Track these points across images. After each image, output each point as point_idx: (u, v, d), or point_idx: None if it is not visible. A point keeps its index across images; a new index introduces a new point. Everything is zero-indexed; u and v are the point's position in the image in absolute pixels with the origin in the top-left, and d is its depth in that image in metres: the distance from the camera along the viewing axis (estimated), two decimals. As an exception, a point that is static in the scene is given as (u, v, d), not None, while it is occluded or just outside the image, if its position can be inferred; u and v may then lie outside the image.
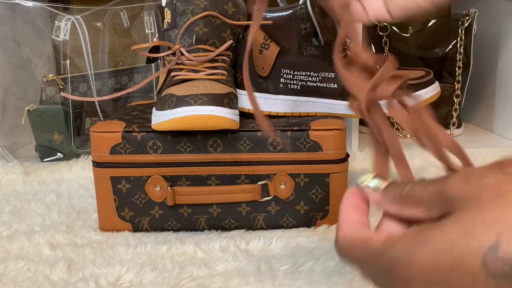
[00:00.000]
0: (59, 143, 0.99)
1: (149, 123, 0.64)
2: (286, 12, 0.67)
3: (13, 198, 0.80)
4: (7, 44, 1.04)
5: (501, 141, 1.08)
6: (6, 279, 0.53)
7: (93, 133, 0.63)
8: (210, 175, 0.63)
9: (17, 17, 1.06)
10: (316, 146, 0.63)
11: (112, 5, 1.08)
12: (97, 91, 1.03)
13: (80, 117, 1.02)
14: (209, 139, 0.62)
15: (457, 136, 1.14)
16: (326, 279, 0.52)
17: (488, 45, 1.18)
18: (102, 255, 0.58)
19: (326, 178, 0.64)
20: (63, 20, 0.99)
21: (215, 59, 0.64)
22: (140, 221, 0.65)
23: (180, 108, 0.57)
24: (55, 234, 0.64)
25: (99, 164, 0.63)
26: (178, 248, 0.60)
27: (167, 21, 0.67)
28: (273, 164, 0.63)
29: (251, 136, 0.62)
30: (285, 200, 0.64)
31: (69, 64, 1.01)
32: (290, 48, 0.67)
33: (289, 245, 0.60)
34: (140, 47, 0.64)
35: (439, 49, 1.13)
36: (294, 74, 0.68)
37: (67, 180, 0.89)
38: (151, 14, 1.10)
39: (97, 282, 0.52)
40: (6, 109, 1.04)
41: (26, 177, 0.90)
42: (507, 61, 1.10)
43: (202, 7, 0.65)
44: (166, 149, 0.62)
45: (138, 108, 0.76)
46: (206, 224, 0.65)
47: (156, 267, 0.55)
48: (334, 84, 0.68)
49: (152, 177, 0.63)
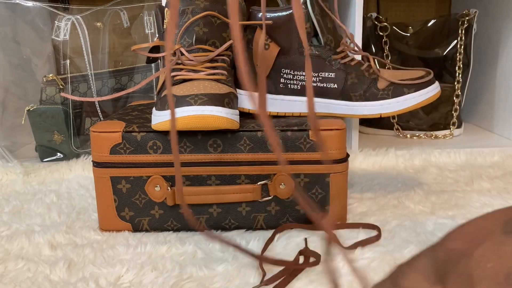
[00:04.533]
0: (59, 143, 0.99)
1: (149, 123, 0.64)
2: (286, 12, 0.67)
3: (13, 198, 0.80)
4: (7, 44, 1.04)
5: (501, 141, 1.08)
6: (6, 279, 0.53)
7: (93, 133, 0.63)
8: (210, 175, 0.63)
9: (17, 17, 1.06)
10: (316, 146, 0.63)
11: (112, 5, 1.08)
12: (97, 91, 1.03)
13: (80, 117, 1.02)
14: (209, 139, 0.62)
15: (457, 136, 1.14)
16: (326, 279, 0.52)
17: (488, 45, 1.18)
18: (102, 255, 0.58)
19: (326, 178, 0.64)
20: (63, 20, 0.99)
21: (215, 59, 0.64)
22: (140, 221, 0.65)
23: (180, 108, 0.57)
24: (55, 234, 0.64)
25: (99, 164, 0.63)
26: (178, 248, 0.60)
27: (167, 21, 0.67)
28: (273, 164, 0.63)
29: (251, 136, 0.62)
30: (285, 200, 0.64)
31: (69, 64, 1.01)
32: (290, 48, 0.67)
33: (289, 245, 0.60)
34: (140, 47, 0.64)
35: (439, 49, 1.13)
36: (294, 74, 0.68)
37: (67, 180, 0.89)
38: (151, 14, 1.10)
39: (97, 282, 0.52)
40: (6, 109, 1.04)
41: (26, 177, 0.90)
42: (507, 61, 1.11)
43: (202, 7, 0.65)
44: (166, 149, 0.62)
45: (138, 108, 0.76)
46: (206, 224, 0.65)
47: (156, 267, 0.55)
48: (334, 84, 0.68)
49: (152, 177, 0.63)
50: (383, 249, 0.58)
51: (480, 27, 1.21)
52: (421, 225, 0.65)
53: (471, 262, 0.31)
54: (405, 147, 1.03)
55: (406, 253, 0.57)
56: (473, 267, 0.30)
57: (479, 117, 1.24)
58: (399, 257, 0.56)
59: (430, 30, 1.15)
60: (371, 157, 0.96)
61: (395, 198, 0.76)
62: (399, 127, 1.15)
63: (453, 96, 1.13)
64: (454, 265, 0.31)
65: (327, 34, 0.68)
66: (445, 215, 0.69)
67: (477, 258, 0.31)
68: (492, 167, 0.91)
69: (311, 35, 0.67)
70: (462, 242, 0.32)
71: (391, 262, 0.55)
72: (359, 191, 0.80)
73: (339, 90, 0.68)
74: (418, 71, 0.71)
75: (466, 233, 0.32)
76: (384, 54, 1.14)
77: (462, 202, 0.74)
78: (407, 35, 1.16)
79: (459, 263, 0.31)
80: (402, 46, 1.15)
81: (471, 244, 0.31)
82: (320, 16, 0.67)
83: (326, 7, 0.69)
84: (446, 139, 1.12)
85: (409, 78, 0.69)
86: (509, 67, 1.10)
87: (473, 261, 0.31)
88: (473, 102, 1.27)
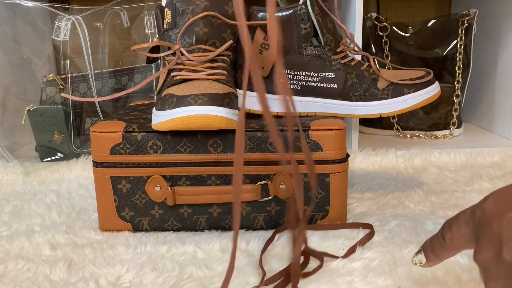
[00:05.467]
0: (59, 143, 0.99)
1: (149, 123, 0.64)
2: (286, 12, 0.67)
3: (13, 198, 0.80)
4: (7, 44, 1.04)
5: (501, 141, 1.08)
6: (6, 279, 0.53)
7: (93, 133, 0.63)
8: (210, 175, 0.63)
9: (17, 17, 1.06)
10: (316, 146, 0.63)
11: (112, 5, 1.08)
12: (97, 91, 1.03)
13: (80, 117, 1.02)
14: (209, 139, 0.62)
15: (457, 136, 1.14)
16: (326, 279, 0.52)
17: (488, 45, 1.18)
18: (102, 255, 0.58)
19: (326, 178, 0.64)
20: (63, 20, 0.99)
21: (215, 59, 0.64)
22: (140, 221, 0.65)
23: (180, 108, 0.57)
24: (55, 234, 0.64)
25: (99, 164, 0.63)
26: (178, 248, 0.60)
27: (167, 21, 0.67)
28: (273, 164, 0.63)
29: (251, 136, 0.62)
30: (285, 200, 0.64)
31: (69, 64, 1.01)
32: (290, 48, 0.67)
33: (289, 245, 0.60)
34: (140, 47, 0.64)
35: (439, 49, 1.13)
36: (294, 74, 0.68)
37: (67, 180, 0.89)
38: (151, 14, 1.10)
39: (97, 282, 0.52)
40: (6, 109, 1.04)
41: (26, 177, 0.90)
42: (507, 61, 1.11)
43: (202, 7, 0.65)
44: (166, 149, 0.62)
45: (138, 108, 0.76)
46: (206, 224, 0.65)
47: (156, 267, 0.55)
48: (334, 84, 0.68)
49: (152, 177, 0.63)
50: (383, 249, 0.58)
51: (480, 27, 1.21)
52: (421, 225, 0.65)
53: (503, 222, 0.34)
54: (405, 147, 1.03)
55: (406, 253, 0.57)
56: (503, 227, 0.34)
57: (479, 117, 1.24)
58: (399, 257, 0.56)
59: (430, 30, 1.15)
60: (371, 157, 0.96)
61: (395, 198, 0.76)
62: (399, 127, 1.15)
63: (453, 96, 1.13)
64: (488, 223, 0.35)
65: (327, 34, 0.68)
66: (445, 215, 0.69)
67: (508, 219, 0.34)
68: (492, 167, 0.91)
69: (311, 35, 0.67)
70: (497, 204, 0.35)
71: (391, 262, 0.55)
72: (359, 191, 0.80)
73: (339, 90, 0.68)
74: (418, 71, 0.71)
75: (502, 196, 0.35)
76: (384, 54, 1.14)
77: (462, 202, 0.74)
78: (407, 35, 1.16)
79: (492, 222, 0.35)
80: (402, 46, 1.15)
81: (504, 207, 0.35)
82: (320, 16, 0.67)
83: (326, 7, 0.69)
84: (446, 139, 1.12)
85: (409, 78, 0.69)
86: (509, 67, 1.10)
87: (504, 221, 0.34)
88: (473, 102, 1.27)
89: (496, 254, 0.34)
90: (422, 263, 0.42)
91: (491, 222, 0.35)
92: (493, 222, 0.35)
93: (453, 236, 0.38)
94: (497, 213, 0.35)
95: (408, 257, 0.56)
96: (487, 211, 0.36)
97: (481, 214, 0.36)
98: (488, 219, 0.35)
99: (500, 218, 0.34)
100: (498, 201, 0.35)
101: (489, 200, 0.36)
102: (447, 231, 0.39)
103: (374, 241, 0.61)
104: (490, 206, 0.36)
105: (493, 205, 0.35)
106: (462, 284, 0.50)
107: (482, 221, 0.36)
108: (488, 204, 0.36)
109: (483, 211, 0.36)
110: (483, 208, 0.36)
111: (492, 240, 0.34)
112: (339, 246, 0.59)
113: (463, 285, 0.50)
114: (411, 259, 0.53)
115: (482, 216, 0.36)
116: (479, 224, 0.36)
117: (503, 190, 0.36)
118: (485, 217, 0.36)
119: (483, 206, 0.36)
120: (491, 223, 0.35)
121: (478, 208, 0.37)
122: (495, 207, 0.35)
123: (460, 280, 0.51)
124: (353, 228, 0.64)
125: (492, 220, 0.35)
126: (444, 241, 0.39)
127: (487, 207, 0.36)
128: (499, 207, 0.35)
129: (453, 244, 0.39)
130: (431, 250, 0.41)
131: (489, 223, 0.35)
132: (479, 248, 0.35)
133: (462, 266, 0.53)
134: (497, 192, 0.36)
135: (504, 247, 0.33)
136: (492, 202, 0.36)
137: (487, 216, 0.35)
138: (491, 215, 0.35)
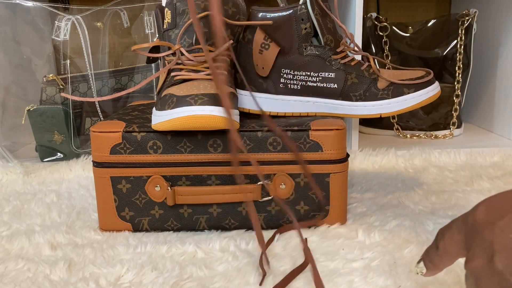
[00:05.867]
0: (59, 143, 0.99)
1: (149, 123, 0.64)
2: (286, 12, 0.67)
3: (13, 198, 0.80)
4: (7, 44, 1.04)
5: (501, 141, 1.08)
6: (6, 279, 0.53)
7: (93, 133, 0.63)
8: (210, 175, 0.63)
9: (17, 17, 1.06)
10: (316, 146, 0.63)
11: (112, 5, 1.08)
12: (97, 91, 1.03)
13: (80, 117, 1.02)
14: (209, 139, 0.62)
15: (457, 136, 1.14)
16: (326, 279, 0.52)
17: (488, 45, 1.18)
18: (102, 255, 0.58)
19: (326, 178, 0.64)
20: (63, 20, 0.99)
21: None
22: (140, 221, 0.65)
23: (180, 108, 0.57)
24: (55, 234, 0.64)
25: (99, 164, 0.63)
26: (178, 248, 0.60)
27: (167, 21, 0.67)
28: (273, 164, 0.63)
29: (251, 136, 0.62)
30: (285, 200, 0.64)
31: (69, 64, 1.01)
32: (290, 48, 0.67)
33: (289, 245, 0.60)
34: (140, 47, 0.64)
35: (439, 49, 1.13)
36: (294, 74, 0.68)
37: (67, 180, 0.89)
38: (151, 14, 1.10)
39: (97, 282, 0.52)
40: (6, 109, 1.04)
41: (26, 177, 0.90)
42: (507, 61, 1.11)
43: (203, 7, 0.65)
44: (166, 149, 0.62)
45: (138, 108, 0.76)
46: (206, 224, 0.65)
47: (156, 267, 0.55)
48: (334, 84, 0.68)
49: (152, 177, 0.63)
50: (383, 249, 0.58)
51: (480, 27, 1.21)
52: (421, 225, 0.65)
53: (495, 230, 0.34)
54: (405, 147, 1.03)
55: (406, 253, 0.57)
56: (495, 235, 0.33)
57: (479, 117, 1.24)
58: (399, 257, 0.56)
59: (430, 30, 1.15)
60: (371, 157, 0.96)
61: (395, 198, 0.76)
62: (399, 127, 1.15)
63: (453, 96, 1.13)
64: (480, 231, 0.35)
65: (327, 34, 0.68)
66: (445, 215, 0.69)
67: (500, 227, 0.33)
68: (492, 167, 0.91)
69: (311, 35, 0.67)
70: (489, 212, 0.35)
71: (391, 262, 0.55)
72: (359, 191, 0.80)
73: (339, 90, 0.68)
74: (418, 71, 0.71)
75: (493, 204, 0.35)
76: (384, 54, 1.14)
77: (462, 202, 0.74)
78: (407, 35, 1.16)
79: (484, 230, 0.34)
80: (402, 46, 1.15)
81: (496, 215, 0.34)
82: (320, 16, 0.67)
83: (326, 7, 0.69)
84: (446, 139, 1.12)
85: (409, 78, 0.69)
86: (509, 67, 1.10)
87: (497, 230, 0.34)
88: (473, 102, 1.27)
89: (488, 263, 0.33)
90: (423, 272, 0.42)
91: (483, 230, 0.35)
92: (485, 230, 0.34)
93: (446, 243, 0.38)
94: (489, 221, 0.35)
95: (408, 257, 0.56)
96: (479, 219, 0.35)
97: (473, 222, 0.36)
98: (480, 227, 0.35)
99: (492, 227, 0.34)
100: (489, 209, 0.35)
101: (480, 208, 0.36)
102: (440, 239, 0.39)
103: (374, 241, 0.61)
104: (481, 215, 0.36)
105: (485, 213, 0.35)
106: (462, 284, 0.50)
107: (474, 229, 0.36)
108: (480, 212, 0.36)
109: (475, 219, 0.36)
110: (474, 216, 0.36)
111: (484, 248, 0.34)
112: (339, 246, 0.59)
113: (463, 285, 0.50)
114: (413, 268, 0.54)
115: (474, 224, 0.36)
116: (471, 232, 0.36)
117: (494, 198, 0.36)
118: (477, 225, 0.35)
119: (475, 214, 0.36)
120: (483, 231, 0.35)
121: (470, 216, 0.37)
122: (487, 215, 0.35)
123: (460, 280, 0.51)
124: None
125: (484, 228, 0.35)
126: (438, 249, 0.39)
127: (478, 215, 0.36)
128: (491, 215, 0.35)
129: (446, 252, 0.38)
130: (429, 259, 0.41)
131: (481, 231, 0.35)
132: (471, 256, 0.35)
133: (462, 266, 0.53)
134: (488, 200, 0.36)
135: (496, 255, 0.33)
136: (483, 210, 0.36)
137: (478, 224, 0.35)
138: (483, 223, 0.35)
